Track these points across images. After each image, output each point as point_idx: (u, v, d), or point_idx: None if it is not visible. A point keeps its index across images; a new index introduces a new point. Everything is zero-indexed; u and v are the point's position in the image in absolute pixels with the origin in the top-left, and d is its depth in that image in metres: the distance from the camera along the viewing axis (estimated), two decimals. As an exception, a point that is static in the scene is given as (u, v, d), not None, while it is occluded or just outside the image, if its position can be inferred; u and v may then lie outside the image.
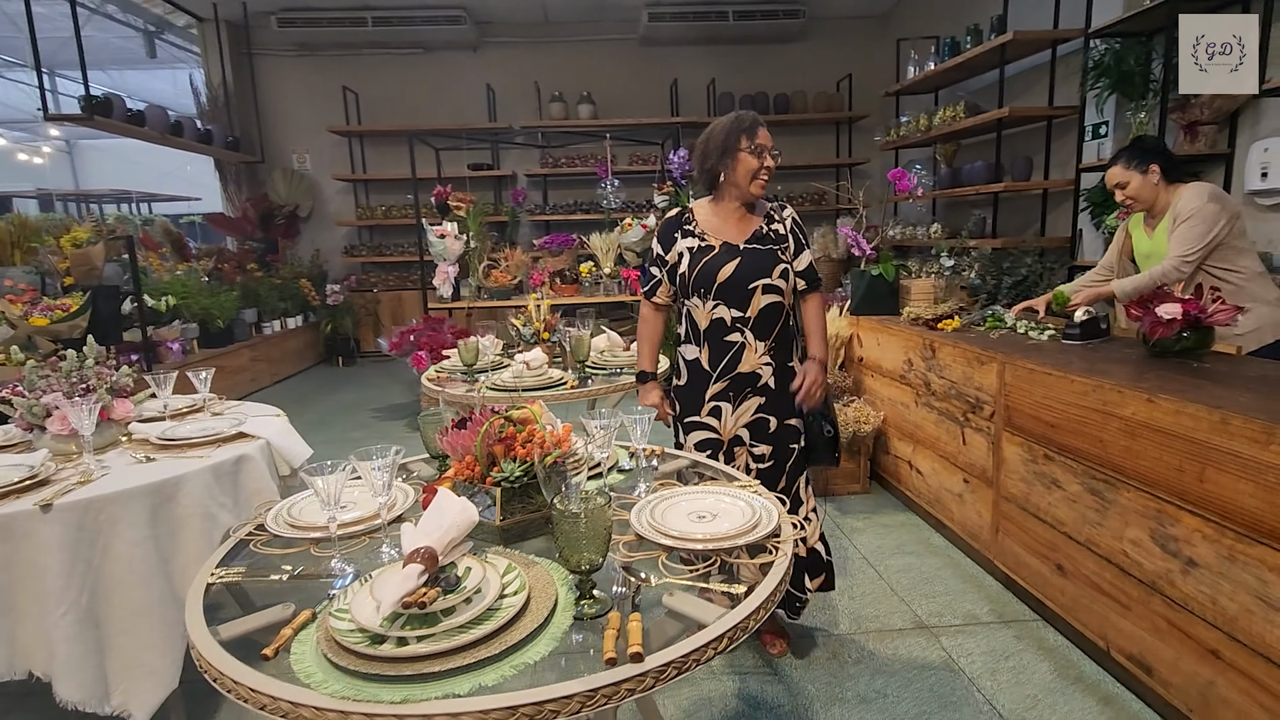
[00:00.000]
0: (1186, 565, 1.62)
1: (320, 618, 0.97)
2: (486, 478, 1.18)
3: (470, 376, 2.60)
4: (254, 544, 1.21)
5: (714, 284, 1.87)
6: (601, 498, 0.98)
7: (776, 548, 1.14)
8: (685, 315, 1.96)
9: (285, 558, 1.18)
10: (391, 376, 6.34)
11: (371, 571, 1.05)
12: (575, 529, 0.95)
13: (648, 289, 2.02)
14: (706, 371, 1.94)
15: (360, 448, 1.13)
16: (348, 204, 7.52)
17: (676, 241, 1.92)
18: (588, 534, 0.95)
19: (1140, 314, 2.14)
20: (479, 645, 0.87)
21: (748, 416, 1.94)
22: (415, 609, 0.87)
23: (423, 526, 1.01)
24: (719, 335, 1.92)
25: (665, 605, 1.02)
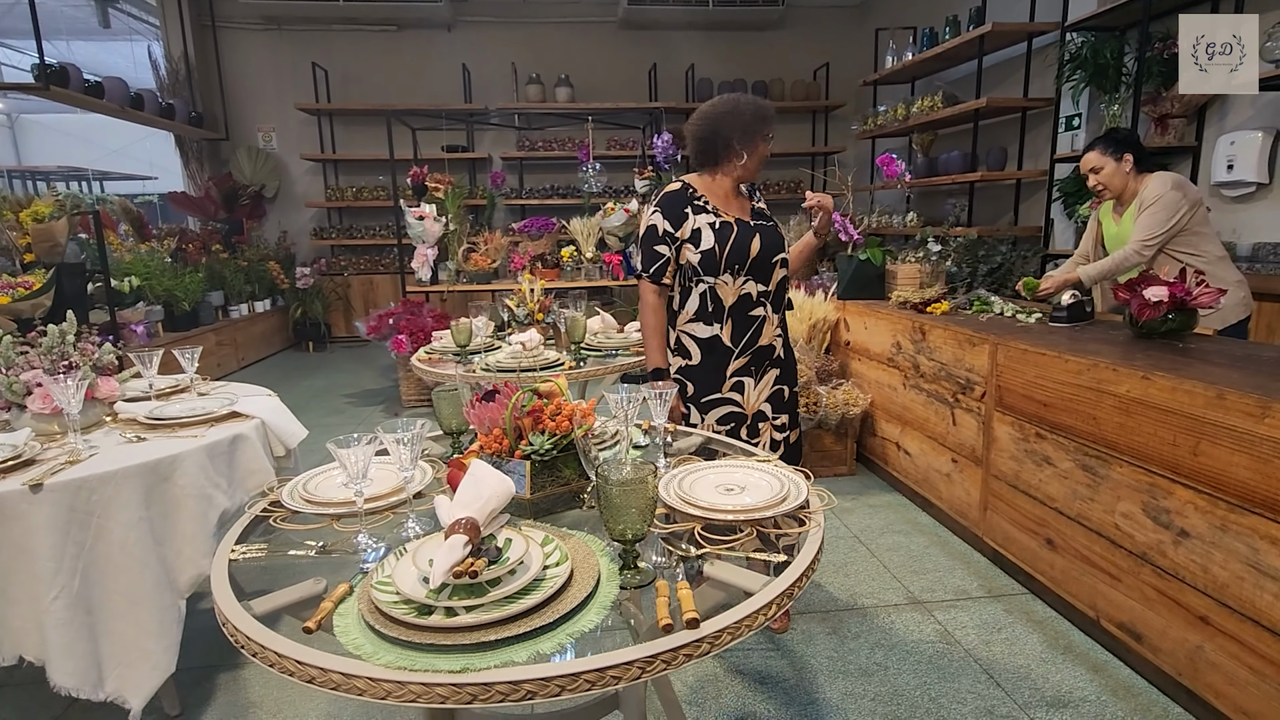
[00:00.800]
0: (1178, 536, 1.68)
1: (359, 590, 0.94)
2: (515, 451, 1.16)
3: (463, 358, 2.55)
4: (274, 519, 1.16)
5: (748, 260, 1.87)
6: (646, 466, 0.97)
7: (808, 518, 1.15)
8: (701, 294, 1.91)
9: (305, 534, 1.14)
10: (364, 362, 6.21)
11: (403, 545, 1.03)
12: (622, 498, 0.93)
13: (654, 270, 1.92)
14: (727, 348, 1.93)
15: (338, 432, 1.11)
16: (316, 185, 7.31)
17: (688, 217, 1.88)
18: (634, 503, 0.93)
19: (1128, 297, 2.21)
20: (531, 614, 0.86)
21: (768, 389, 1.97)
22: (466, 579, 0.85)
23: (460, 498, 0.99)
24: (744, 311, 1.92)
25: (707, 574, 1.02)
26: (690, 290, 1.93)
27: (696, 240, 1.87)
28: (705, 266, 1.87)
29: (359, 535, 1.11)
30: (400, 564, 0.94)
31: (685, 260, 1.90)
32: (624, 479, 0.93)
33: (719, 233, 1.86)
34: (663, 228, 1.89)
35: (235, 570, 1.05)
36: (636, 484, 0.94)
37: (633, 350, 2.68)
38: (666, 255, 1.90)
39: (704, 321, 1.93)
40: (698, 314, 1.93)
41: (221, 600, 0.94)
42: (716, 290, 1.89)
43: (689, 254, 1.88)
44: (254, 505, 1.22)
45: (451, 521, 0.93)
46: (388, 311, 4.57)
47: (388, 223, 7.18)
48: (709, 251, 1.86)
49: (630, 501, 0.94)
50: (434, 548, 0.94)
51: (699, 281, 1.90)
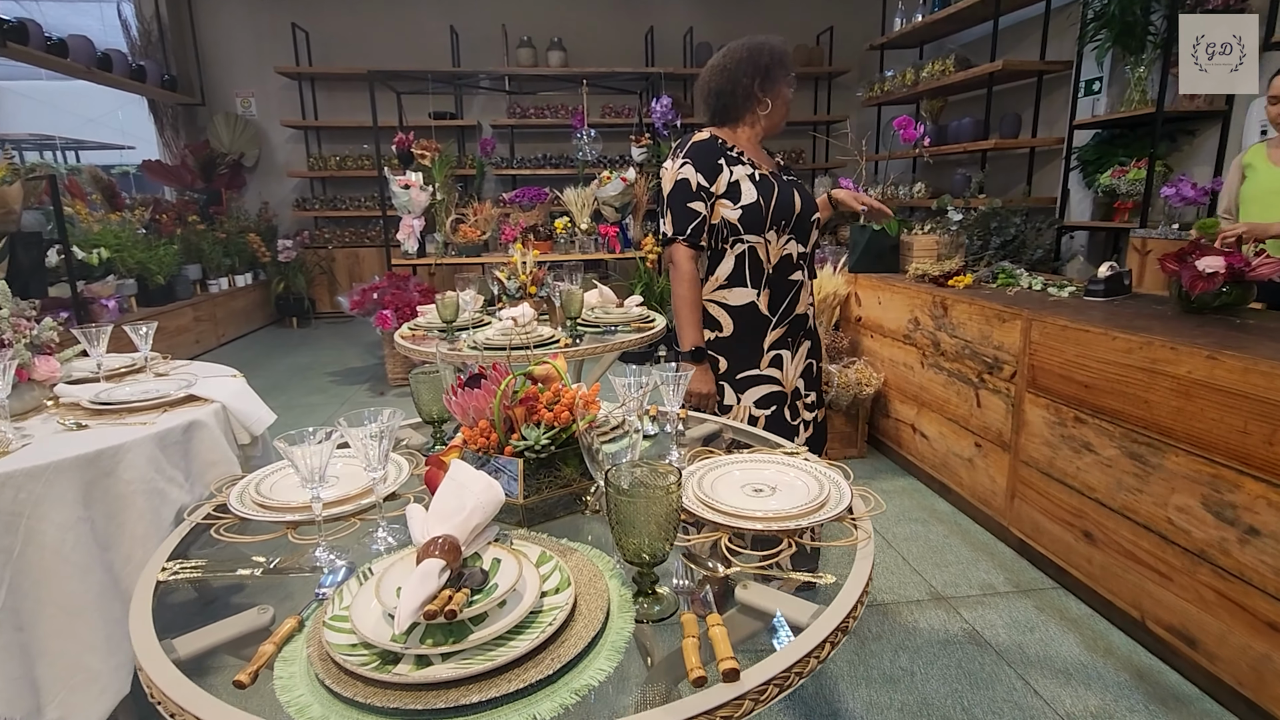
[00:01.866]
0: (1245, 534, 1.52)
1: (309, 627, 0.75)
2: (505, 447, 0.97)
3: (449, 334, 2.35)
4: (216, 529, 0.97)
5: (793, 216, 1.68)
6: (668, 469, 0.78)
7: (855, 526, 0.97)
8: (739, 256, 1.70)
9: (256, 546, 0.95)
10: (348, 339, 5.98)
11: (370, 564, 0.84)
12: (637, 510, 0.75)
13: (690, 231, 1.67)
14: (765, 317, 1.74)
15: (321, 413, 0.91)
16: (298, 153, 7.01)
17: (722, 170, 1.66)
18: (653, 516, 0.75)
19: (1177, 268, 2.02)
20: (525, 662, 0.67)
21: (802, 363, 1.79)
22: (441, 619, 0.67)
23: (436, 508, 0.80)
24: (784, 274, 1.73)
25: (739, 600, 0.84)
26: (723, 253, 1.72)
27: (735, 195, 1.66)
28: (747, 223, 1.66)
29: (317, 549, 0.92)
30: (362, 592, 0.75)
31: (720, 219, 1.69)
32: (639, 487, 0.74)
33: (760, 186, 1.66)
34: (696, 181, 1.66)
35: (166, 594, 0.86)
36: (656, 493, 0.75)
37: (634, 326, 2.48)
38: (702, 213, 1.67)
39: (740, 286, 1.72)
40: (732, 278, 1.72)
41: (138, 638, 0.75)
42: (757, 251, 1.69)
43: (725, 211, 1.67)
44: (194, 511, 1.03)
45: (425, 541, 0.74)
46: (372, 285, 4.34)
47: (373, 193, 6.89)
48: (752, 206, 1.65)
49: (647, 514, 0.75)
50: (404, 572, 0.75)
51: (737, 242, 1.69)
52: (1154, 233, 3.77)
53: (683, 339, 1.74)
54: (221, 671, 0.75)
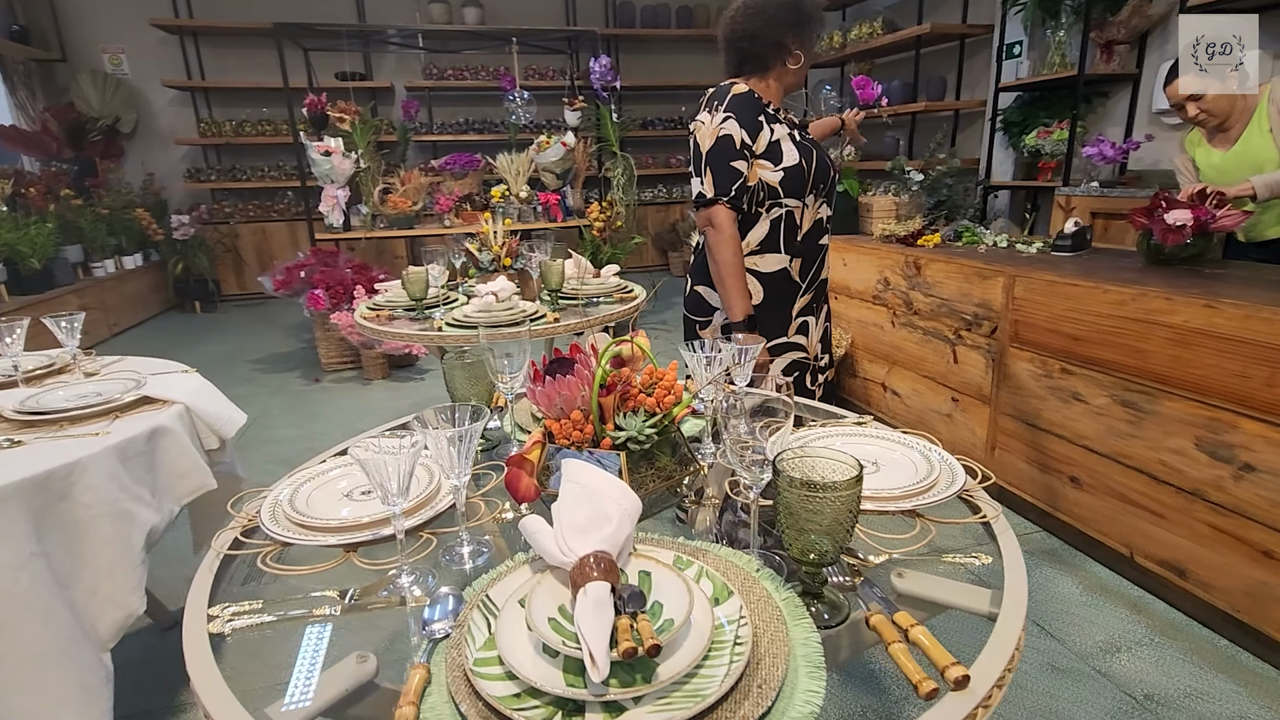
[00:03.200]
0: (1241, 470, 1.61)
1: (440, 674, 0.62)
2: (602, 439, 0.85)
3: (419, 313, 2.15)
4: (262, 558, 0.81)
5: (829, 179, 1.62)
6: (847, 460, 0.70)
7: (974, 504, 0.93)
8: (775, 220, 1.61)
9: (312, 578, 0.80)
10: (267, 322, 5.50)
11: (483, 590, 0.71)
12: (818, 507, 0.66)
13: (734, 191, 1.54)
14: (795, 283, 1.68)
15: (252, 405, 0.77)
16: (186, 118, 6.29)
17: (762, 127, 1.56)
18: (834, 513, 0.66)
19: (1147, 221, 2.11)
20: (733, 694, 0.58)
21: (821, 328, 1.76)
22: (632, 652, 0.56)
23: (569, 520, 0.68)
24: (815, 239, 1.68)
25: (897, 589, 0.77)
26: (757, 217, 1.62)
27: (776, 155, 1.56)
28: (789, 187, 1.58)
29: (401, 574, 0.78)
30: (502, 626, 0.63)
31: (757, 180, 1.58)
32: (810, 481, 0.65)
33: (802, 148, 1.58)
34: (740, 138, 1.53)
35: (222, 650, 0.70)
36: (840, 489, 0.66)
37: (616, 297, 2.37)
38: (744, 173, 1.56)
39: (773, 252, 1.64)
40: (765, 244, 1.63)
41: (217, 711, 0.60)
42: (794, 216, 1.62)
43: (765, 173, 1.57)
44: (220, 539, 0.85)
45: (578, 561, 0.63)
46: (298, 263, 3.96)
47: (278, 162, 6.31)
48: (794, 169, 1.56)
49: (825, 512, 0.66)
50: (548, 597, 0.64)
51: (774, 206, 1.60)
52: (1077, 190, 3.99)
53: (732, 308, 1.62)
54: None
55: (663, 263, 7.26)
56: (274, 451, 2.98)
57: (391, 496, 0.74)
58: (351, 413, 3.41)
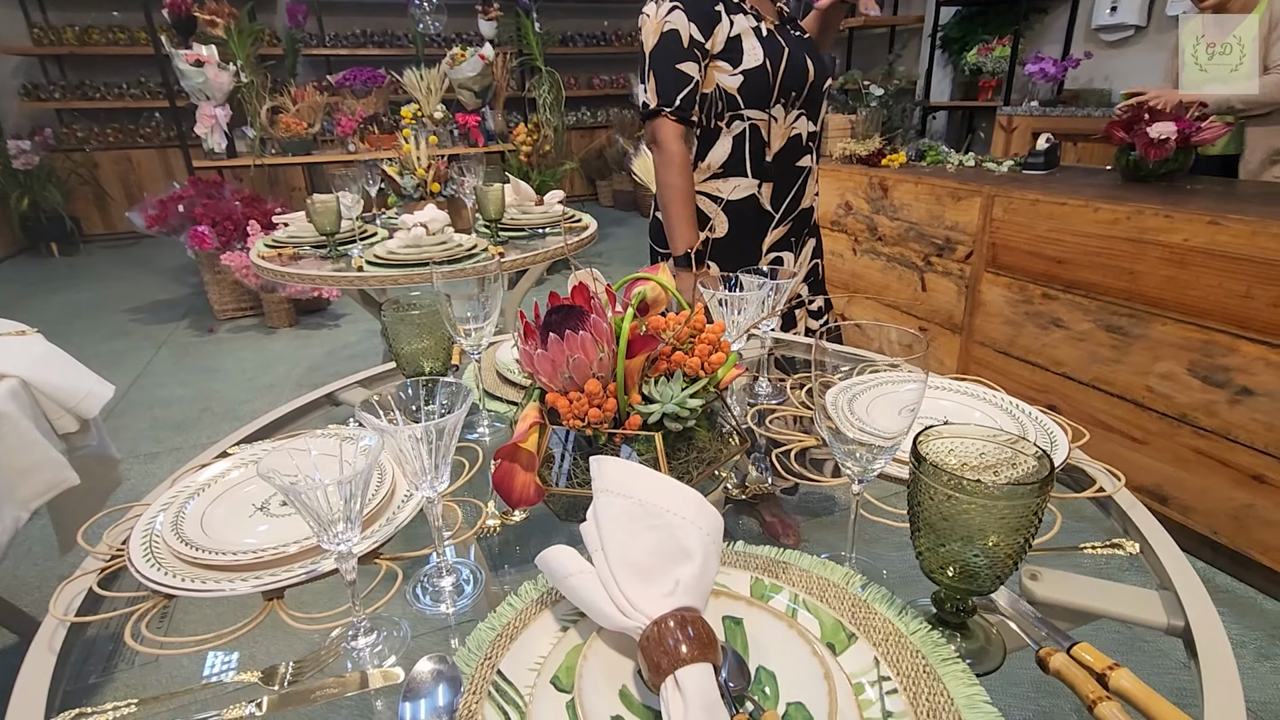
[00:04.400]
0: (1236, 394, 1.55)
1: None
2: (629, 417, 0.62)
3: (332, 250, 1.80)
4: (135, 624, 0.54)
5: (805, 85, 1.31)
6: (1035, 453, 0.50)
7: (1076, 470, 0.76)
8: (737, 137, 1.35)
9: (211, 651, 0.54)
10: (142, 265, 4.82)
11: (495, 663, 0.48)
12: (985, 512, 0.46)
13: (680, 101, 1.28)
14: (766, 213, 1.42)
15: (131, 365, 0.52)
16: (14, 24, 5.25)
17: (720, 19, 1.26)
18: (1007, 519, 0.46)
19: (1127, 135, 2.00)
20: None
21: (806, 265, 1.51)
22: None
23: (621, 556, 0.45)
24: (790, 160, 1.39)
25: (1033, 595, 0.59)
26: (717, 133, 1.35)
27: (735, 55, 1.27)
28: (749, 94, 1.29)
29: (356, 634, 0.53)
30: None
31: (715, 87, 1.31)
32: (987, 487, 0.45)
33: (768, 44, 1.28)
34: (688, 35, 1.25)
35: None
36: (1022, 489, 0.46)
37: (564, 228, 2.08)
38: (695, 77, 1.28)
39: (737, 175, 1.38)
40: (728, 165, 1.37)
41: None
42: (760, 131, 1.34)
43: (722, 77, 1.29)
44: (63, 599, 0.57)
45: (656, 625, 0.40)
46: (173, 195, 3.39)
47: (140, 77, 5.42)
48: (756, 72, 1.27)
49: (994, 516, 0.46)
50: (599, 671, 0.41)
51: (735, 119, 1.33)
52: (1019, 110, 3.92)
53: (673, 240, 1.39)
54: None
55: (590, 193, 6.87)
56: (163, 416, 2.56)
57: (334, 532, 0.48)
58: (253, 367, 3.00)
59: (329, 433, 0.51)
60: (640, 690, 0.43)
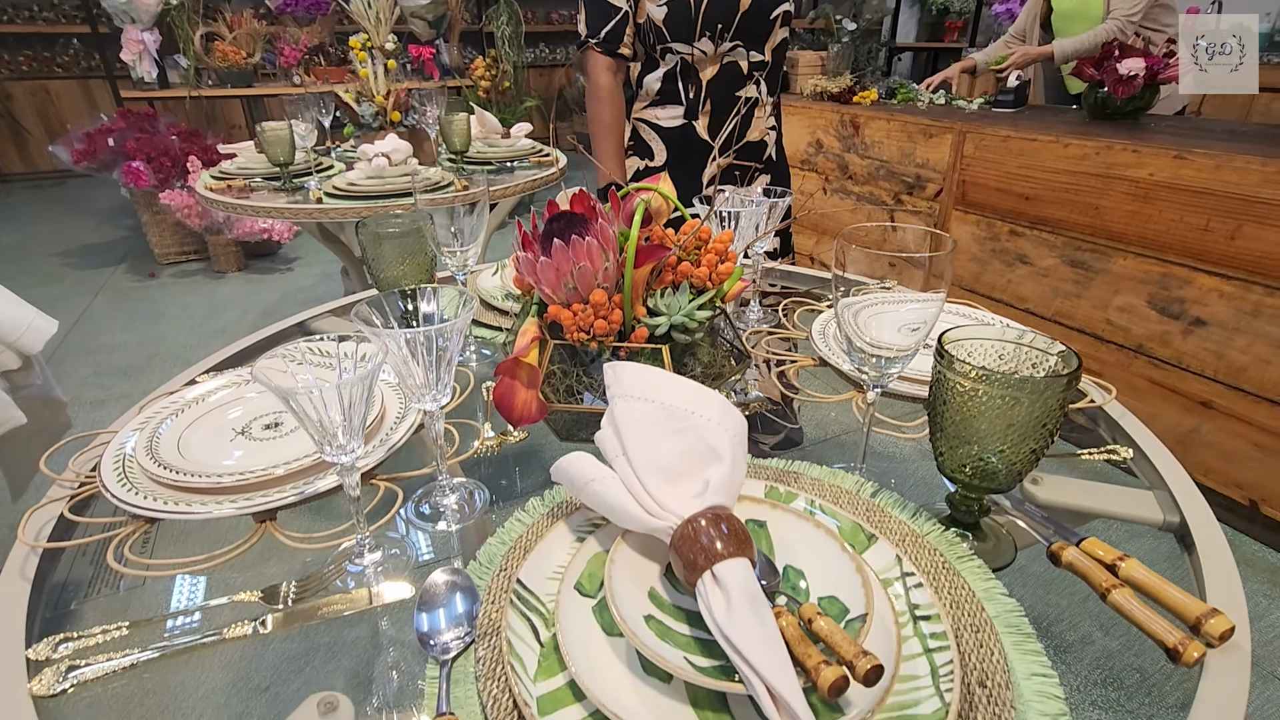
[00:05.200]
0: (1190, 325, 1.62)
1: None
2: (636, 329, 0.59)
3: (287, 182, 1.70)
4: (115, 547, 0.50)
5: (735, 17, 1.27)
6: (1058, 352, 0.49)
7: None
8: (669, 69, 1.34)
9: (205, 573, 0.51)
10: (72, 206, 4.50)
11: (513, 573, 0.46)
12: (1012, 408, 0.46)
13: (605, 34, 1.29)
14: (703, 142, 1.38)
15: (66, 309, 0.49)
16: (-100, -67, 4.71)
17: None
18: (1030, 419, 0.46)
19: (1096, 72, 2.01)
20: (942, 701, 0.38)
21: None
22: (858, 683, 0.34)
23: (646, 459, 0.44)
24: (728, 89, 1.35)
25: (1036, 499, 0.61)
26: (654, 63, 1.34)
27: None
28: (673, 27, 1.26)
29: (362, 551, 0.51)
30: (569, 634, 0.39)
31: (646, 16, 1.28)
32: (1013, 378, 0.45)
33: None
34: None
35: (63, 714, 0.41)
36: (1051, 385, 0.46)
37: (532, 162, 2.00)
38: (623, 8, 1.27)
39: (672, 103, 1.37)
40: (664, 93, 1.36)
41: None
42: (689, 62, 1.32)
43: (651, 7, 1.26)
44: (33, 525, 0.53)
45: (689, 524, 0.39)
46: (102, 128, 3.14)
47: (51, 0, 4.95)
48: (678, 4, 1.24)
49: (1018, 415, 0.46)
50: (627, 573, 0.40)
51: (666, 51, 1.30)
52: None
53: (599, 172, 1.40)
54: None
55: (549, 135, 6.64)
56: (107, 362, 2.43)
57: (337, 444, 0.45)
58: (202, 312, 2.85)
59: (324, 340, 0.47)
60: (669, 592, 0.43)
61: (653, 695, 0.37)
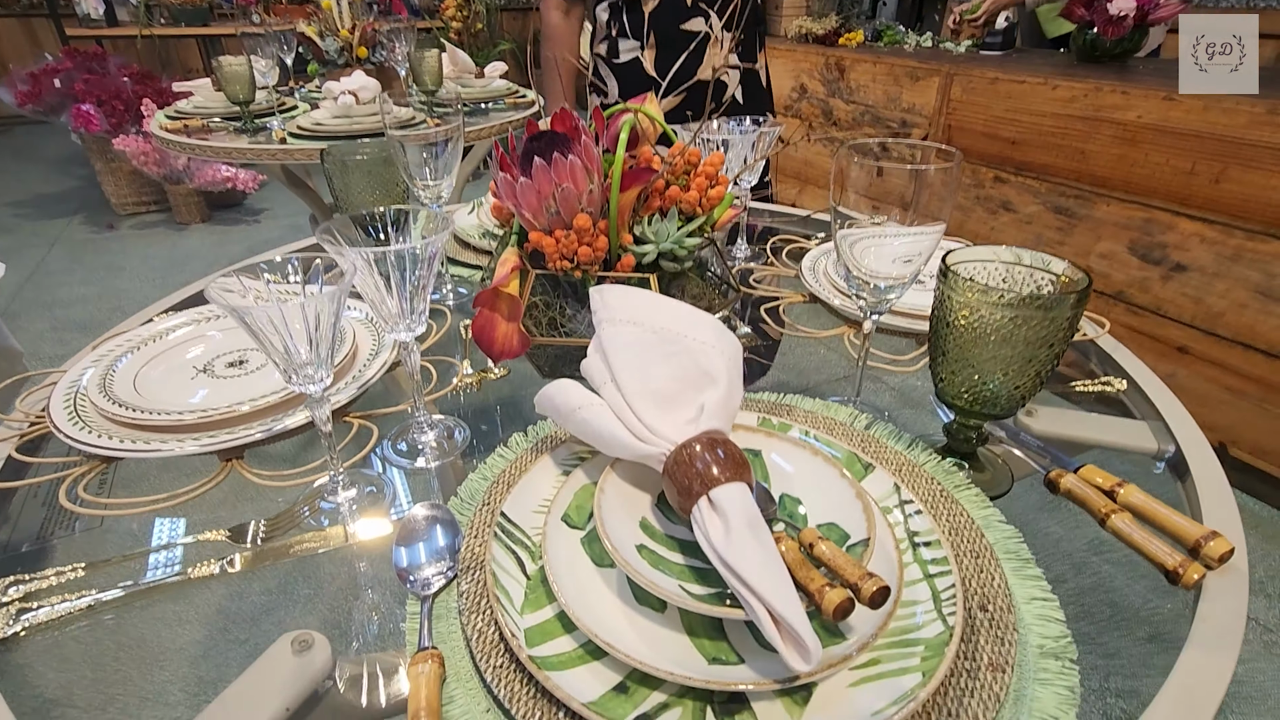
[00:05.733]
0: (1170, 270, 1.62)
1: (465, 660, 0.36)
2: (623, 257, 0.56)
3: (248, 123, 1.61)
4: (71, 485, 0.47)
5: None
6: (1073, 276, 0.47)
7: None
8: (613, 2, 1.31)
9: (168, 514, 0.48)
10: (17, 154, 4.27)
11: (497, 505, 0.44)
12: (1012, 332, 0.44)
13: None
14: (650, 78, 1.34)
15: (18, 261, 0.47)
16: None
17: None
18: (1030, 344, 0.44)
19: (1086, 12, 1.96)
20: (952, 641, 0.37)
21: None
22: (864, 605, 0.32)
23: (639, 384, 0.41)
24: (674, 23, 1.30)
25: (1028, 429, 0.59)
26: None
27: None
28: None
29: (336, 488, 0.48)
30: (556, 565, 0.37)
31: None
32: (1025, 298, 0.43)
33: None
34: None
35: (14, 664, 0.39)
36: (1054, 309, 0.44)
37: (507, 103, 1.93)
38: None
39: (622, 38, 1.33)
40: (610, 25, 1.33)
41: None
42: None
43: None
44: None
45: (683, 449, 0.37)
46: (47, 68, 2.95)
47: (-16, -71, 4.60)
48: None
49: (1019, 339, 0.44)
50: (617, 502, 0.39)
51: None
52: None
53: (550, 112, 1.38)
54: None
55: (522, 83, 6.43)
56: (65, 316, 2.34)
57: (304, 371, 0.42)
58: (163, 265, 2.75)
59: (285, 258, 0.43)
60: (662, 521, 0.41)
61: (646, 625, 0.36)
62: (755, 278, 0.83)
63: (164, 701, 0.59)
